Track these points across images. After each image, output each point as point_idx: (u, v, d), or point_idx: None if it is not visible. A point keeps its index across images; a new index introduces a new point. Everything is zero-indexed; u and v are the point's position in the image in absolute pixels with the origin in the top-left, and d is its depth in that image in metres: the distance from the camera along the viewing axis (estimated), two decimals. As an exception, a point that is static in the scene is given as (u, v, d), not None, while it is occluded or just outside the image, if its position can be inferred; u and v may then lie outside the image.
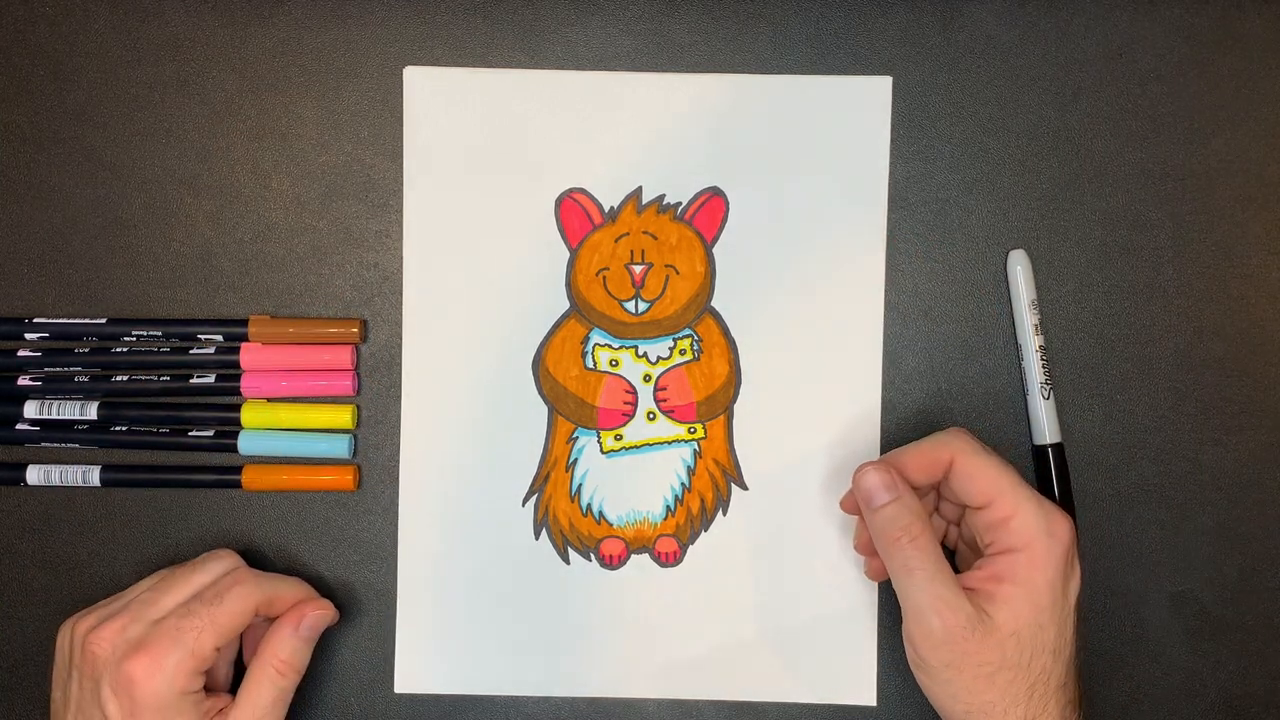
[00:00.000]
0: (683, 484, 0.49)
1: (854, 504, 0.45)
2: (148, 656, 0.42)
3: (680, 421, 0.49)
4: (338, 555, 0.49)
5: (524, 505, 0.49)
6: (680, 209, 0.49)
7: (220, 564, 0.46)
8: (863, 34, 0.49)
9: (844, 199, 0.49)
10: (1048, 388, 0.48)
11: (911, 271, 0.49)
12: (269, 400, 0.49)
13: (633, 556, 0.49)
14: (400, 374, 0.49)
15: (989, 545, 0.43)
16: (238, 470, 0.49)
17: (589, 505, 0.49)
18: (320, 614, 0.45)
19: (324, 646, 0.49)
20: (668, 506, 0.49)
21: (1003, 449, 0.49)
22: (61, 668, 0.44)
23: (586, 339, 0.49)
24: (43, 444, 0.49)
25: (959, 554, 0.47)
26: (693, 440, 0.49)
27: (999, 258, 0.49)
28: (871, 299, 0.49)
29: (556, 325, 0.49)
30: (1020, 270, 0.48)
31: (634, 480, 0.49)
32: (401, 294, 0.49)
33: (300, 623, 0.45)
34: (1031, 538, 0.41)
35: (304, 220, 0.49)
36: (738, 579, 0.49)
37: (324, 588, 0.49)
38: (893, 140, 0.49)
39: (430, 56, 0.49)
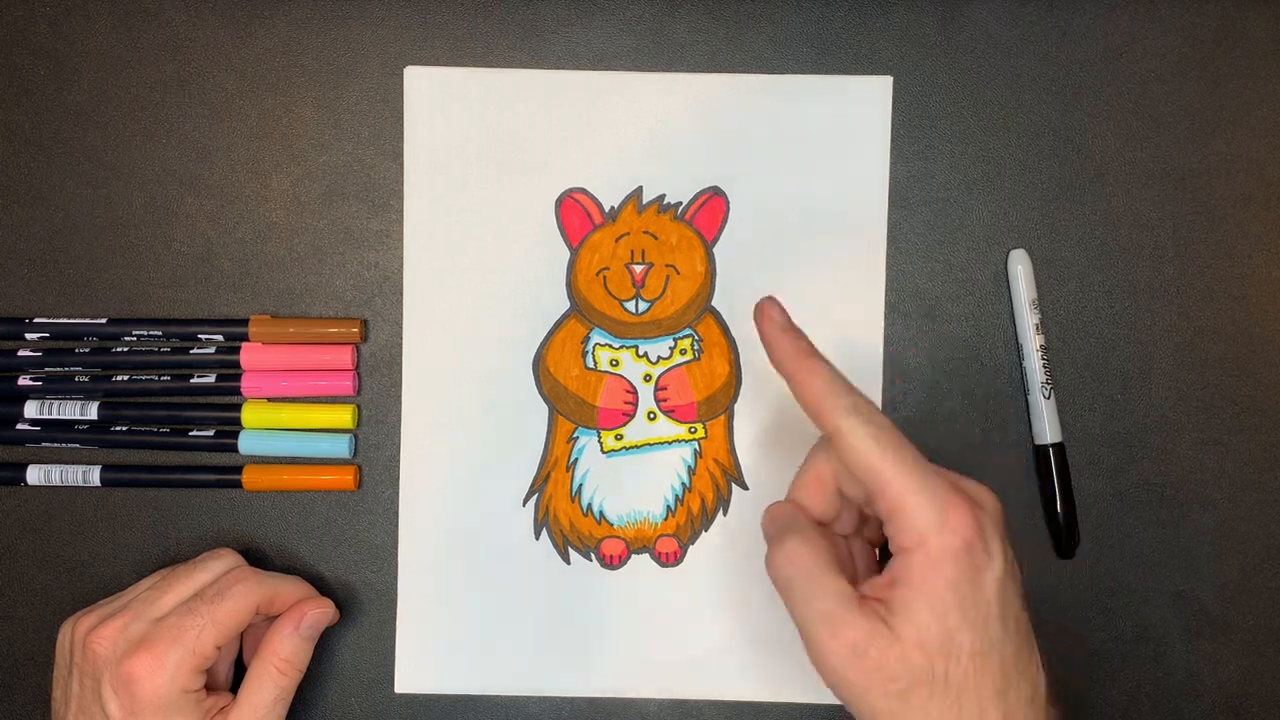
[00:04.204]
0: (683, 484, 0.49)
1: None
2: (149, 655, 0.42)
3: (681, 421, 0.49)
4: (338, 555, 0.49)
5: (524, 505, 0.49)
6: (680, 209, 0.49)
7: (221, 563, 0.46)
8: (863, 34, 0.49)
9: (844, 199, 0.49)
10: (1048, 388, 0.48)
11: (912, 271, 0.49)
12: (269, 400, 0.49)
13: (633, 556, 0.49)
14: (400, 374, 0.49)
15: (891, 544, 0.37)
16: (238, 470, 0.49)
17: (589, 505, 0.49)
18: (321, 613, 0.45)
19: (324, 646, 0.49)
20: (668, 506, 0.49)
21: (1003, 449, 0.49)
22: (62, 666, 0.44)
23: (587, 339, 0.49)
24: (43, 444, 0.49)
25: None
26: (693, 440, 0.49)
27: (999, 257, 0.49)
28: (871, 299, 0.49)
29: (557, 325, 0.49)
30: (1021, 270, 0.48)
31: (634, 480, 0.49)
32: (401, 294, 0.49)
33: (301, 622, 0.45)
34: (921, 534, 0.36)
35: (304, 220, 0.49)
36: (738, 579, 0.49)
37: (324, 588, 0.49)
38: (893, 140, 0.49)
39: (430, 56, 0.49)
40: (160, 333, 0.48)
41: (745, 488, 0.49)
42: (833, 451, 0.38)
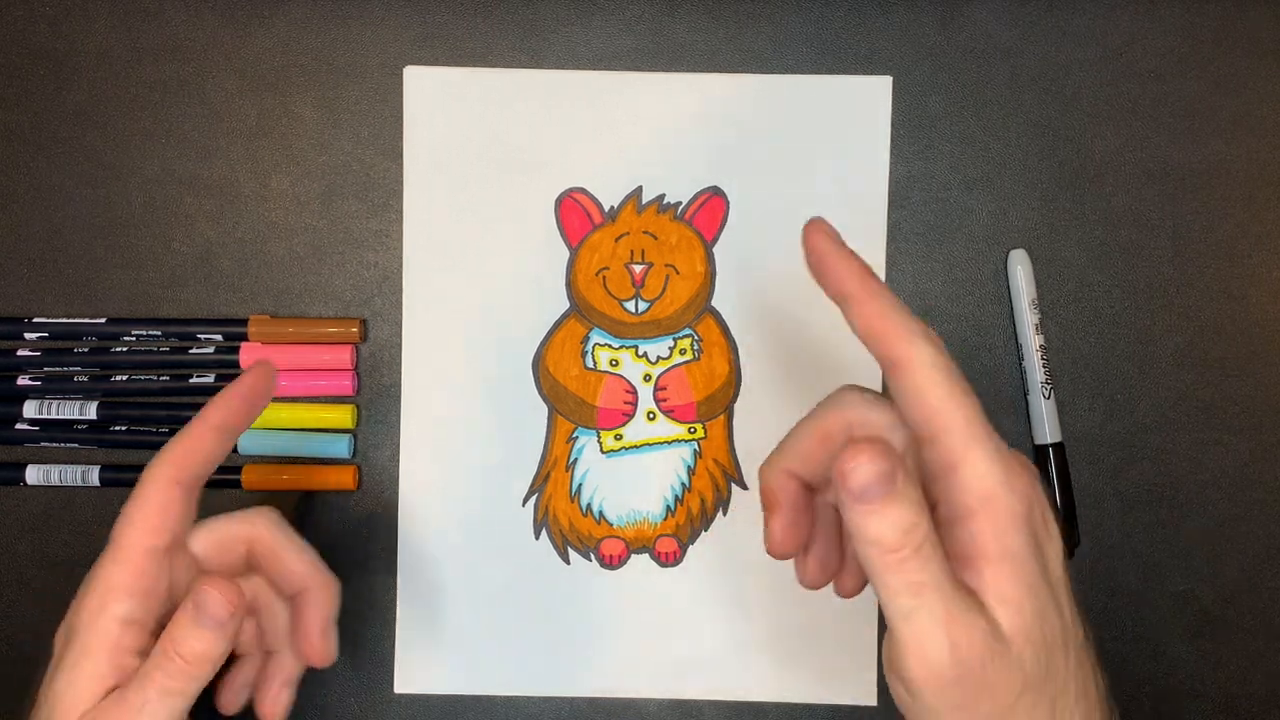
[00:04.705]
0: (683, 484, 0.49)
1: (790, 539, 0.36)
2: (89, 573, 0.36)
3: (680, 421, 0.49)
4: (338, 555, 0.49)
5: (524, 505, 0.49)
6: (680, 209, 0.49)
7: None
8: (863, 34, 0.49)
9: (844, 199, 0.49)
10: (1048, 387, 0.48)
11: (911, 271, 0.49)
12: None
13: (633, 556, 0.49)
14: (400, 374, 0.49)
15: (943, 507, 0.31)
16: (237, 470, 0.49)
17: (589, 505, 0.49)
18: (216, 599, 0.34)
19: (324, 646, 0.49)
20: (668, 506, 0.49)
21: (1003, 449, 0.49)
22: None
23: (586, 339, 0.49)
24: (42, 444, 0.49)
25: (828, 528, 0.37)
26: (693, 440, 0.49)
27: (999, 257, 0.49)
28: (871, 299, 0.49)
29: (556, 325, 0.49)
30: (1020, 270, 0.48)
31: (634, 480, 0.49)
32: (401, 294, 0.49)
33: (197, 602, 0.35)
34: (988, 492, 0.30)
35: (304, 220, 0.49)
36: (738, 579, 0.49)
37: (324, 588, 0.49)
38: (893, 140, 0.49)
39: (430, 56, 0.49)
40: (159, 333, 0.48)
41: (745, 488, 0.49)
42: (845, 406, 0.34)
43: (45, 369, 0.49)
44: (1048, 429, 0.48)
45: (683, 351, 0.49)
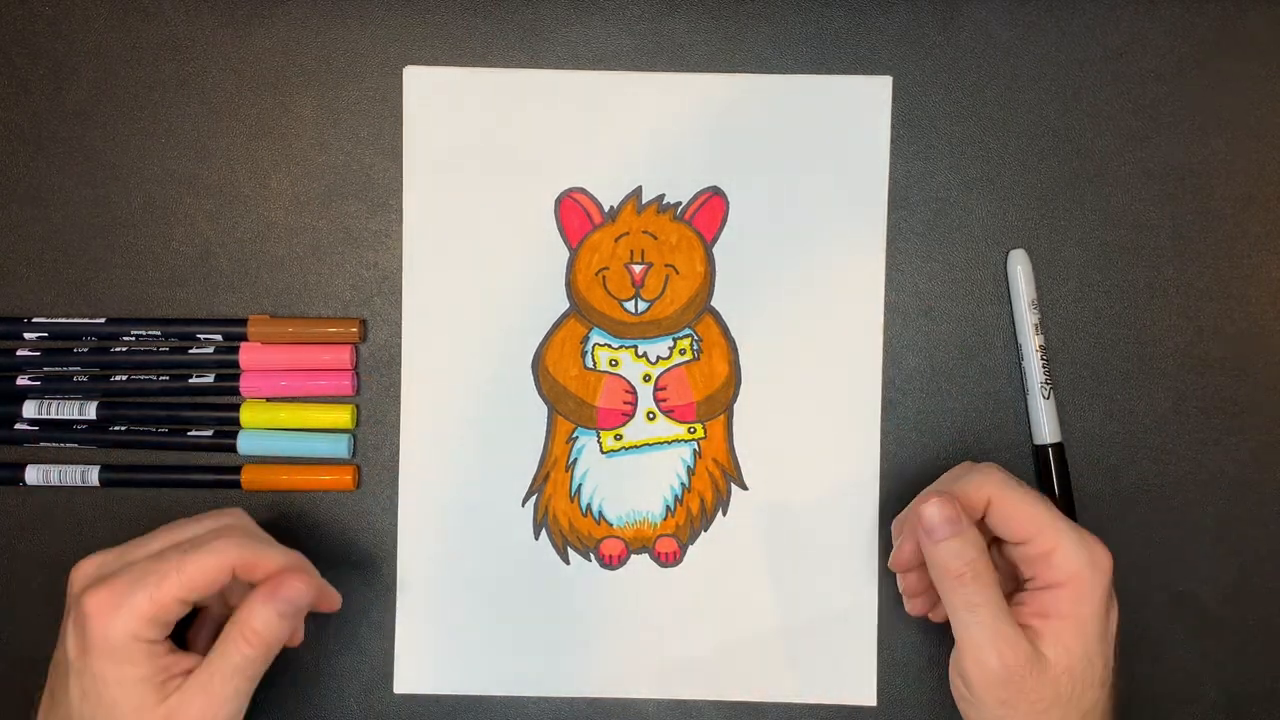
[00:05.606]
0: (682, 484, 0.49)
1: (905, 560, 0.45)
2: (107, 591, 0.39)
3: (680, 421, 0.49)
4: (338, 555, 0.49)
5: (524, 505, 0.49)
6: (680, 209, 0.49)
7: (221, 520, 0.43)
8: (863, 34, 0.49)
9: (844, 199, 0.49)
10: (1048, 388, 0.48)
11: (911, 271, 0.49)
12: (268, 400, 0.49)
13: (633, 556, 0.49)
14: (400, 374, 0.49)
15: (1031, 580, 0.42)
16: (237, 470, 0.49)
17: (589, 505, 0.49)
18: (298, 588, 0.41)
19: (324, 646, 0.49)
20: (667, 506, 0.49)
21: (1003, 449, 0.49)
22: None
23: (586, 339, 0.49)
24: (42, 444, 0.49)
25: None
26: (692, 440, 0.49)
27: (999, 257, 0.49)
28: (871, 299, 0.49)
29: (556, 325, 0.49)
30: (1020, 270, 0.48)
31: (634, 480, 0.49)
32: (401, 294, 0.49)
33: (276, 593, 0.41)
34: (1075, 571, 0.41)
35: (304, 220, 0.49)
36: (738, 579, 0.49)
37: (323, 588, 0.49)
38: (893, 140, 0.49)
39: (430, 56, 0.49)
40: (159, 332, 0.48)
41: (745, 488, 0.49)
42: (995, 485, 0.42)
43: (45, 369, 0.49)
44: (1047, 429, 0.48)
45: (682, 351, 0.49)
